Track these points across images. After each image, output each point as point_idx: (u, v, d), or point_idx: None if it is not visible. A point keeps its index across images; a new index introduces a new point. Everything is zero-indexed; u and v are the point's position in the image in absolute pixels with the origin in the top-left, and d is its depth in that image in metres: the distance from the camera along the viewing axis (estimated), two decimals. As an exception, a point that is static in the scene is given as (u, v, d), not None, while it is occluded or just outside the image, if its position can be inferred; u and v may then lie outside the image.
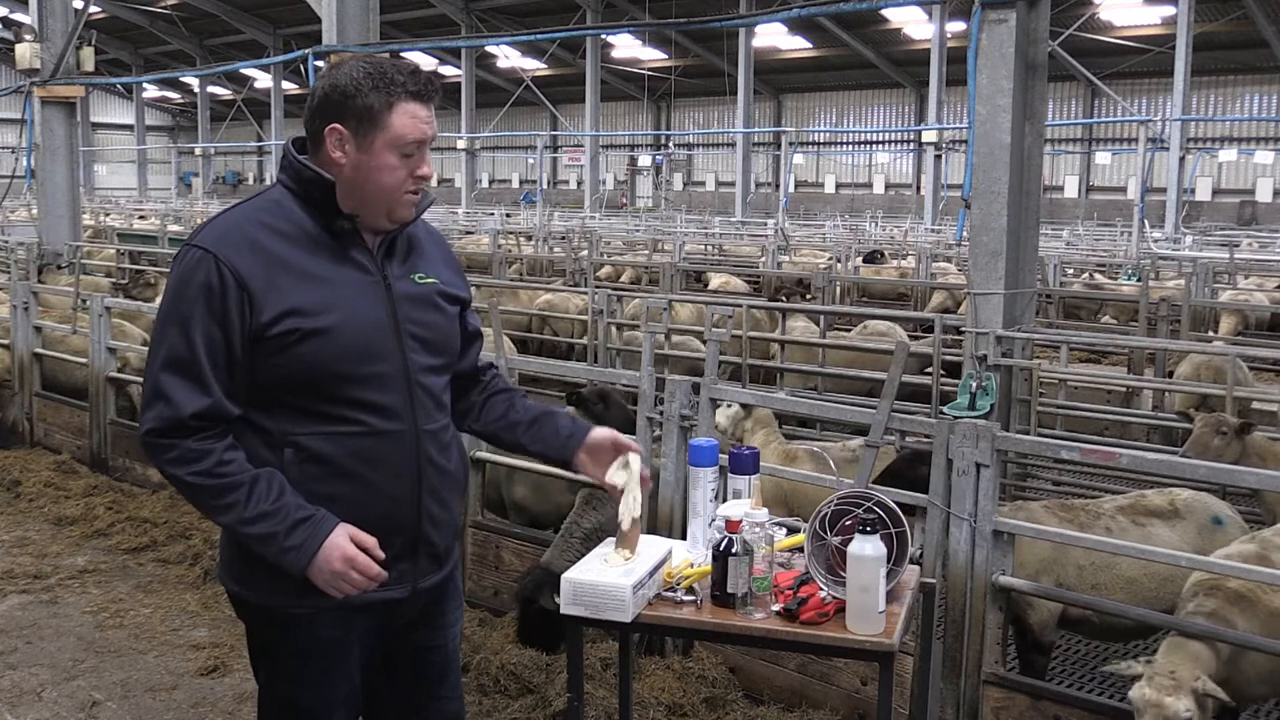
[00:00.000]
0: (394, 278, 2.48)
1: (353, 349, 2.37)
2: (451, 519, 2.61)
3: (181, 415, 2.29)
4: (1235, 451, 5.59)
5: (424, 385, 2.49)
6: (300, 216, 2.41)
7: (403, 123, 2.38)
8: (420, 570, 2.54)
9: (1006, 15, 6.48)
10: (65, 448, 8.25)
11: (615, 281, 16.81)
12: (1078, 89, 39.84)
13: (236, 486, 2.30)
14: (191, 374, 2.30)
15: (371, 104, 2.36)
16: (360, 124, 2.37)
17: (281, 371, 2.34)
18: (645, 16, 34.58)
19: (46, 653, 5.05)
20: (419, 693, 2.70)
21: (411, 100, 2.39)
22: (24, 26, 21.02)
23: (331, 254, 2.42)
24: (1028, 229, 6.91)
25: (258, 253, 2.34)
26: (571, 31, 27.17)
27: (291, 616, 2.44)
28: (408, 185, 2.42)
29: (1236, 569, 3.70)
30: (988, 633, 4.06)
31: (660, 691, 4.40)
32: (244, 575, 2.47)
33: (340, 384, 2.37)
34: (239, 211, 2.45)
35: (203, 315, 2.30)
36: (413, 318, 2.48)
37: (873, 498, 2.83)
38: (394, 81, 2.37)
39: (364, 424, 2.40)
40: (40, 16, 12.32)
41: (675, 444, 4.79)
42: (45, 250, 12.84)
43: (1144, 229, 19.79)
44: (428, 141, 2.42)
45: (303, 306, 2.33)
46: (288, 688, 2.52)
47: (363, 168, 2.39)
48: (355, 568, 2.33)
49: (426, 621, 2.65)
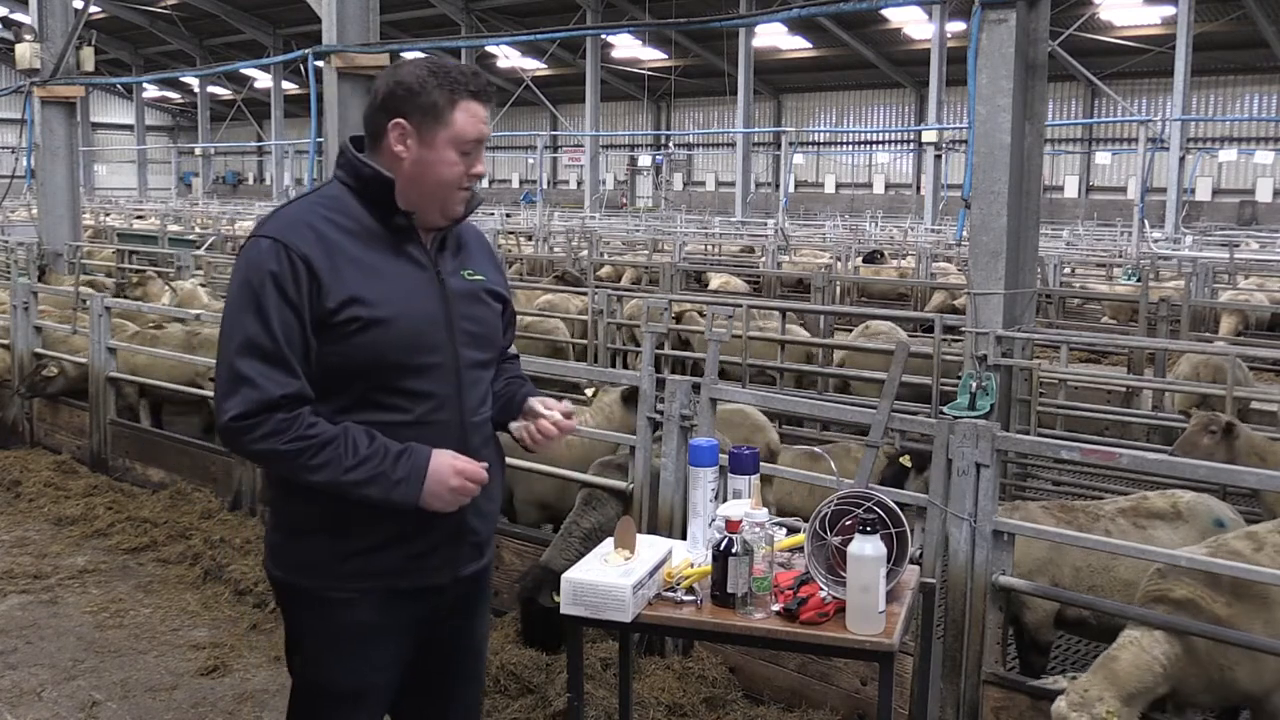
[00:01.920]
0: (447, 273, 2.57)
1: (408, 340, 2.46)
2: (493, 510, 2.70)
3: (272, 397, 2.35)
4: (1225, 451, 5.59)
5: (471, 378, 2.58)
6: (358, 211, 2.50)
7: (464, 120, 2.48)
8: (462, 558, 2.61)
9: (1006, 15, 6.48)
10: (65, 448, 8.25)
11: (616, 282, 16.81)
12: (1078, 89, 39.85)
13: (331, 440, 2.37)
14: (275, 359, 2.36)
15: (436, 101, 2.46)
16: (424, 119, 2.47)
17: (339, 359, 2.42)
18: (645, 16, 34.59)
19: (46, 653, 5.04)
20: (443, 682, 2.75)
21: (472, 99, 2.50)
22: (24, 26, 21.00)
23: (389, 248, 2.50)
24: (1028, 229, 6.91)
25: (322, 242, 2.42)
26: (571, 31, 27.15)
27: (334, 599, 2.50)
28: (463, 182, 2.52)
29: (1235, 568, 3.70)
30: (988, 633, 4.06)
31: (660, 691, 4.40)
32: (289, 560, 2.54)
33: (395, 373, 2.46)
34: (300, 205, 2.53)
35: (277, 301, 2.37)
36: (464, 313, 2.57)
37: (873, 498, 2.83)
38: (457, 81, 2.48)
39: (414, 413, 2.48)
40: (40, 16, 12.33)
41: (675, 444, 4.79)
42: (45, 250, 12.85)
43: (1144, 229, 19.79)
44: (484, 141, 2.53)
45: (364, 296, 2.42)
46: (321, 672, 2.57)
47: (423, 162, 2.48)
48: (468, 476, 2.44)
49: (461, 611, 2.71)
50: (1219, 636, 3.67)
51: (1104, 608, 4.20)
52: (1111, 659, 3.64)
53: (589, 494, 5.15)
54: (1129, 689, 3.54)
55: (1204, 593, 3.73)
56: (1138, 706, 3.57)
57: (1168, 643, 3.65)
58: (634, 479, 5.00)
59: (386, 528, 2.47)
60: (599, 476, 5.21)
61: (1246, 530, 4.11)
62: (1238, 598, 3.74)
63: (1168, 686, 3.69)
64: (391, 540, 2.48)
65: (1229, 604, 3.73)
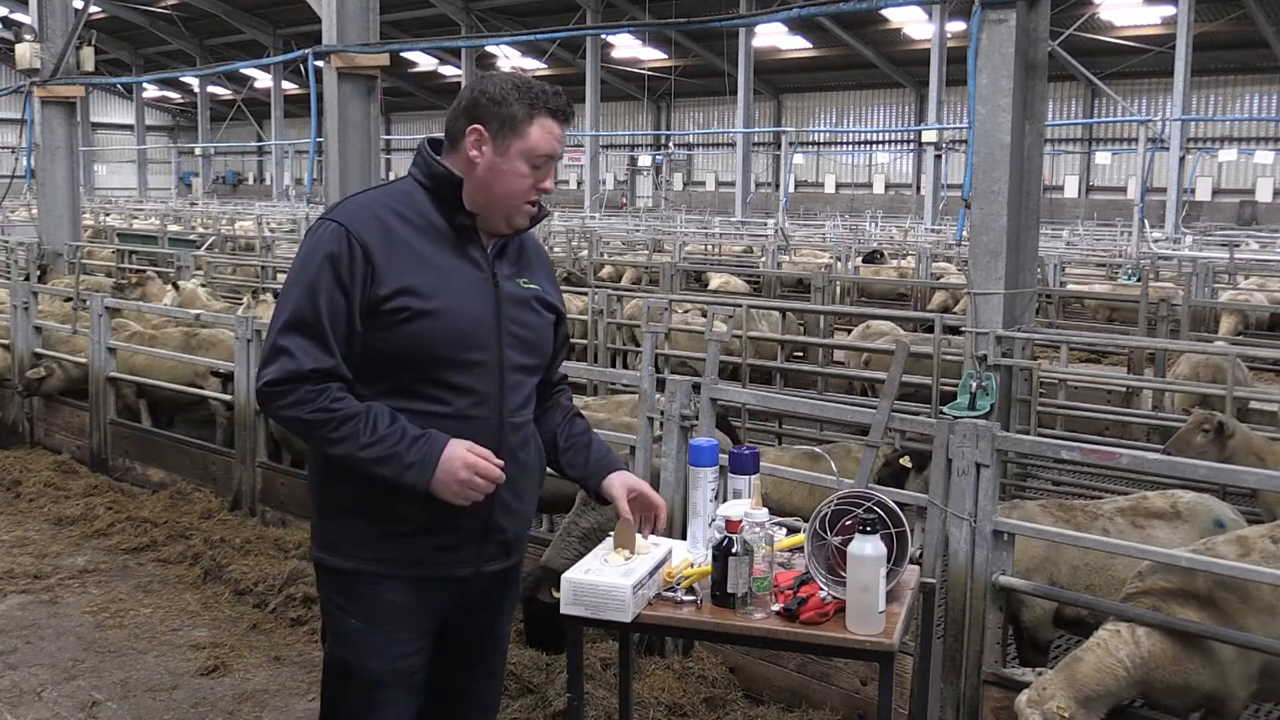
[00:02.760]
0: (502, 278, 2.66)
1: (456, 335, 2.54)
2: (525, 511, 2.76)
3: (303, 369, 2.46)
4: (1218, 450, 5.59)
5: (513, 381, 2.65)
6: (426, 208, 2.60)
7: (539, 135, 2.59)
8: (486, 555, 2.67)
9: (1006, 15, 6.48)
10: (65, 448, 8.25)
11: (616, 282, 16.81)
12: (1078, 89, 39.84)
13: (353, 415, 2.47)
14: (315, 335, 2.48)
15: (515, 113, 2.57)
16: (501, 129, 2.58)
17: (387, 345, 2.51)
18: (645, 16, 34.57)
19: (46, 653, 5.04)
20: (465, 670, 2.81)
21: (550, 117, 2.61)
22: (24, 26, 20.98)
23: (450, 246, 2.60)
24: (1028, 229, 6.91)
25: (383, 231, 2.53)
26: (571, 31, 27.12)
27: (364, 575, 2.59)
28: (530, 195, 2.62)
29: (1232, 568, 3.70)
30: (988, 632, 4.06)
31: (660, 691, 4.40)
32: (328, 539, 2.64)
33: (439, 366, 2.54)
34: (370, 195, 2.66)
35: (329, 281, 2.48)
36: (514, 317, 2.65)
37: (873, 498, 2.83)
38: (538, 97, 2.59)
39: (454, 406, 2.57)
40: (40, 16, 12.32)
41: (675, 444, 4.79)
42: (45, 250, 12.85)
43: (1144, 229, 19.78)
44: (556, 158, 2.63)
45: (417, 287, 2.51)
46: (351, 652, 2.64)
47: (495, 169, 2.58)
48: (479, 472, 2.48)
49: (486, 606, 2.78)
50: (1205, 633, 3.68)
51: (1103, 607, 4.20)
52: (1076, 660, 3.67)
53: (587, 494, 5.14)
54: (1087, 691, 3.57)
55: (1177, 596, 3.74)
56: (1098, 710, 3.58)
57: (1134, 644, 3.66)
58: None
59: (415, 517, 2.55)
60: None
61: (1237, 534, 4.11)
62: (1212, 602, 3.75)
63: (1134, 692, 3.70)
64: (419, 530, 2.57)
65: (1200, 607, 3.74)
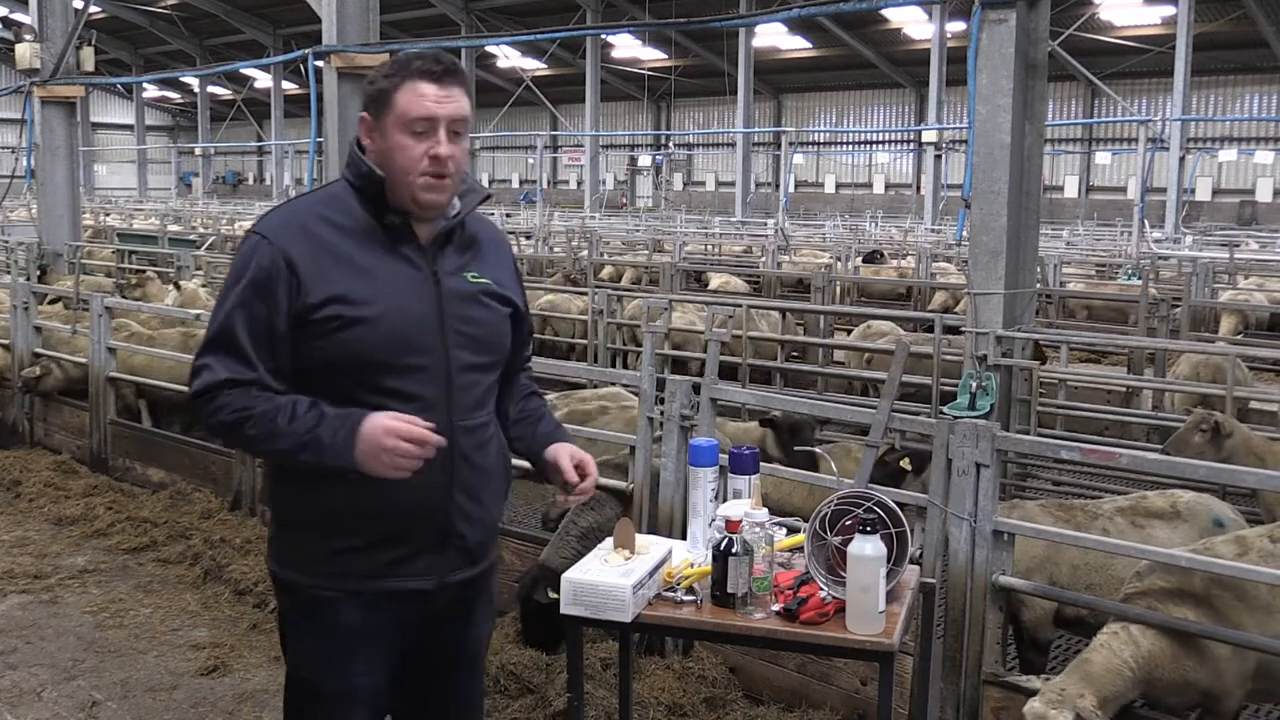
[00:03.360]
0: (444, 274, 2.54)
1: (393, 339, 2.45)
2: (486, 516, 2.63)
3: (219, 378, 2.41)
4: (1215, 450, 5.58)
5: (464, 382, 2.54)
6: (356, 209, 2.51)
7: (407, 100, 2.44)
8: (448, 564, 2.56)
9: (1006, 15, 6.48)
10: (65, 448, 8.25)
11: (616, 282, 16.81)
12: (1078, 89, 39.83)
13: (272, 410, 2.40)
14: (235, 352, 2.42)
15: (383, 88, 2.47)
16: (377, 108, 2.48)
17: (322, 355, 2.43)
18: (645, 16, 34.56)
19: (46, 653, 5.04)
20: (441, 687, 2.71)
21: (419, 79, 2.45)
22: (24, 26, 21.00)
23: (383, 248, 2.50)
24: (1028, 229, 6.91)
25: (310, 240, 2.45)
26: (571, 31, 27.14)
27: (317, 598, 2.50)
28: (423, 165, 2.45)
29: (1231, 567, 3.70)
30: (988, 633, 4.06)
31: (660, 691, 4.40)
32: (283, 554, 2.57)
33: (378, 372, 2.45)
34: (300, 202, 2.58)
35: (251, 296, 2.42)
36: (460, 314, 2.54)
37: (873, 498, 2.83)
38: (402, 65, 2.47)
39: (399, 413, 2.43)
40: (40, 16, 12.33)
41: (675, 444, 4.79)
42: (45, 250, 12.85)
43: (1144, 229, 19.78)
44: (439, 120, 2.44)
45: (348, 294, 2.42)
46: (309, 671, 2.57)
47: (381, 151, 2.48)
48: (402, 436, 2.34)
49: (453, 616, 2.65)
50: (1203, 633, 3.68)
51: (1103, 607, 4.20)
52: (1086, 661, 3.67)
53: (588, 494, 5.14)
54: (1104, 692, 3.56)
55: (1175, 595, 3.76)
56: (1110, 710, 3.58)
57: (1134, 644, 3.67)
58: (634, 479, 5.00)
59: (368, 530, 2.46)
60: (599, 476, 5.19)
61: (1236, 535, 4.12)
62: (1209, 601, 3.76)
63: (1137, 691, 3.71)
64: (375, 542, 2.47)
65: (1197, 605, 3.75)
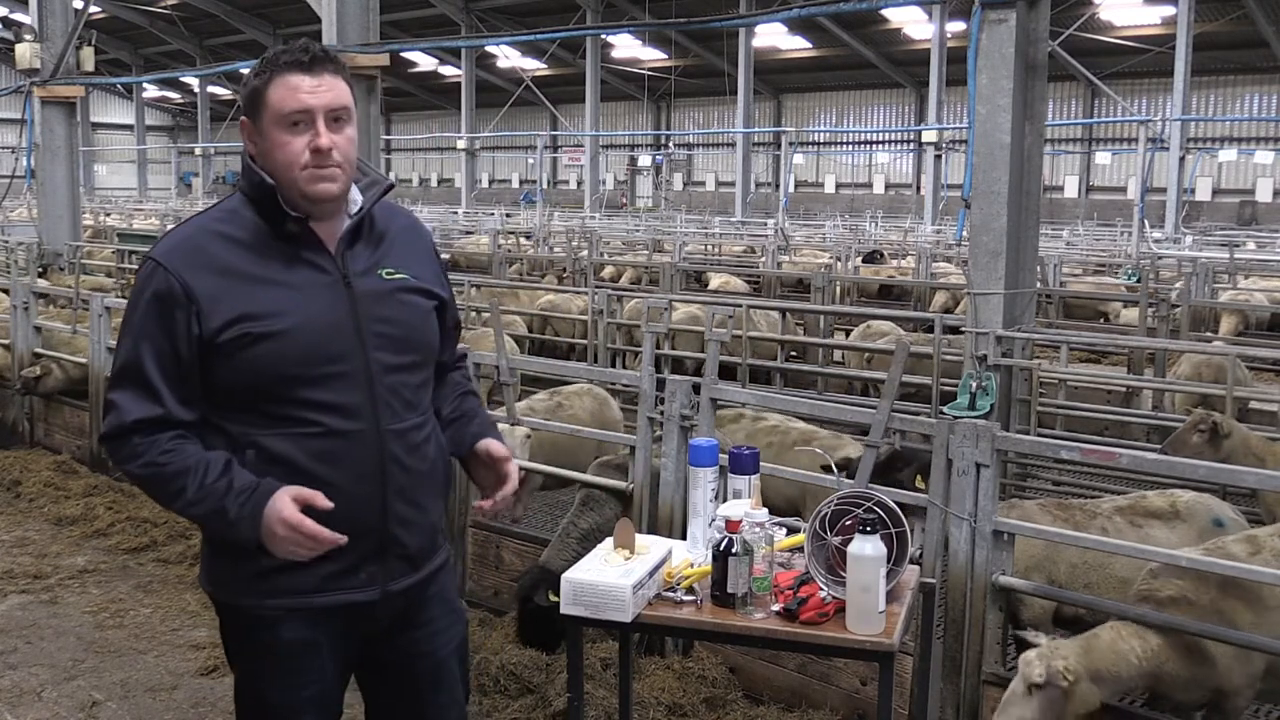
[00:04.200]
0: (355, 275, 2.44)
1: (307, 351, 2.35)
2: (425, 520, 2.54)
3: (127, 420, 2.33)
4: (1215, 450, 5.58)
5: (389, 384, 2.44)
6: (252, 221, 2.41)
7: (279, 95, 2.35)
8: (390, 572, 2.48)
9: (1006, 15, 6.49)
10: (65, 448, 8.25)
11: (616, 282, 16.81)
12: (1078, 89, 39.82)
13: (183, 470, 2.32)
14: (140, 384, 2.34)
15: (255, 86, 2.38)
16: (253, 110, 2.40)
17: (236, 376, 2.35)
18: (645, 16, 34.55)
19: (46, 653, 5.04)
20: (409, 700, 2.64)
21: (289, 72, 2.36)
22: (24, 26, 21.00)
23: (285, 257, 2.40)
24: (1028, 229, 6.91)
25: (207, 262, 2.35)
26: (571, 31, 27.15)
27: (257, 617, 2.43)
28: (304, 159, 2.36)
29: (1228, 567, 3.70)
30: (988, 633, 4.06)
31: (660, 691, 4.40)
32: (216, 575, 2.50)
33: (295, 385, 2.36)
34: (194, 222, 2.46)
35: (152, 326, 2.34)
36: (377, 315, 2.44)
37: (873, 498, 2.83)
38: (272, 61, 2.38)
39: (322, 425, 2.37)
40: (40, 16, 12.33)
41: (675, 444, 4.79)
42: (45, 250, 12.85)
43: (1144, 229, 19.78)
44: (315, 110, 2.35)
45: (253, 312, 2.33)
46: (257, 685, 2.52)
47: (263, 153, 2.40)
48: (299, 531, 2.28)
49: (407, 626, 2.58)
50: (1210, 634, 3.68)
51: (1104, 607, 4.20)
52: (1093, 635, 3.73)
53: (586, 494, 5.15)
54: (1099, 666, 3.59)
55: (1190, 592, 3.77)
56: (1104, 689, 3.61)
57: (1143, 639, 3.68)
58: (634, 479, 5.00)
59: None
60: (598, 476, 5.21)
61: (1247, 534, 4.12)
62: (1224, 598, 3.76)
63: (1141, 683, 3.73)
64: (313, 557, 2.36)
65: (1214, 603, 3.76)
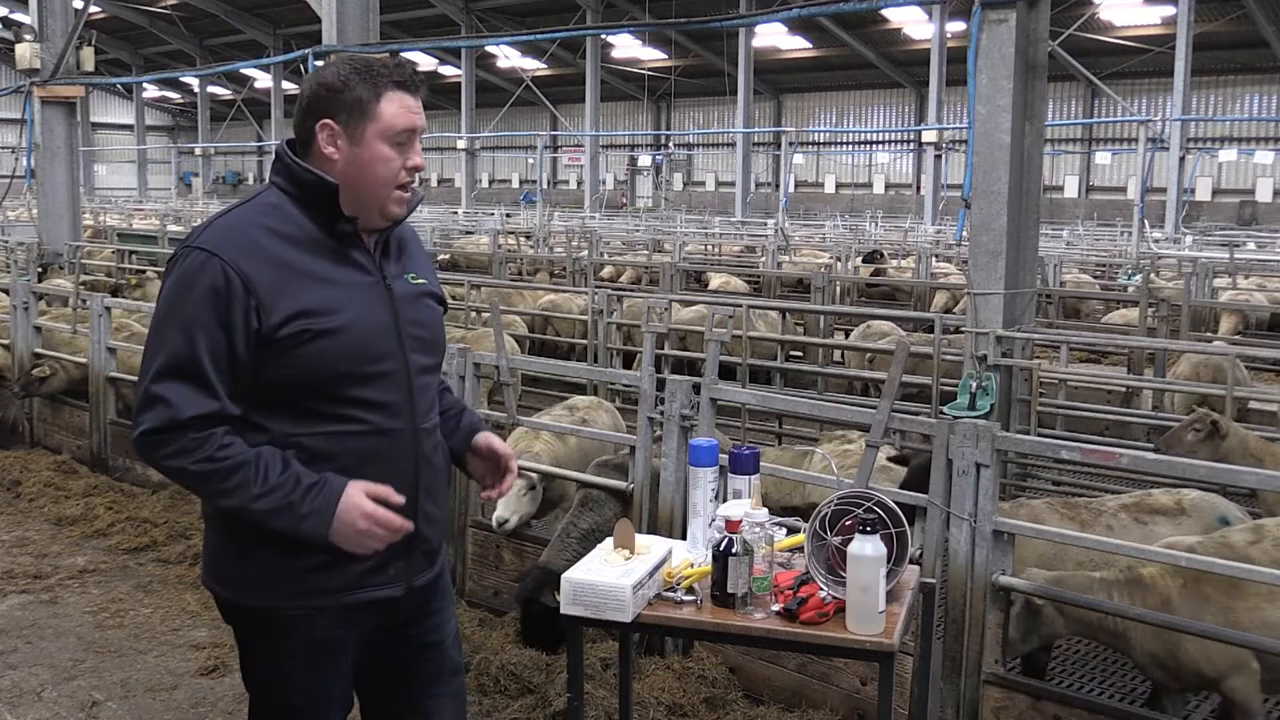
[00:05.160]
0: (392, 278, 2.51)
1: (359, 349, 2.39)
2: (442, 516, 2.65)
3: (181, 418, 2.28)
4: (1212, 449, 5.58)
5: (420, 384, 2.52)
6: (300, 219, 2.41)
7: (392, 111, 2.40)
8: (415, 568, 2.55)
9: (1006, 15, 6.48)
10: (65, 448, 8.25)
11: (616, 282, 16.80)
12: (1078, 89, 39.82)
13: (242, 465, 2.30)
14: (195, 379, 2.29)
15: (360, 96, 2.39)
16: (351, 117, 2.40)
17: (289, 372, 2.34)
18: (645, 16, 34.56)
19: (46, 653, 5.04)
20: (414, 690, 2.69)
21: (398, 89, 2.42)
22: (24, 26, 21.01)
23: (334, 256, 2.42)
24: (1028, 229, 6.90)
25: (261, 254, 2.34)
26: (571, 31, 27.15)
27: (286, 619, 2.43)
28: (401, 177, 2.44)
29: (1229, 567, 3.70)
30: (988, 633, 4.06)
31: (660, 691, 4.40)
32: (232, 578, 2.47)
33: (346, 383, 2.39)
34: (238, 214, 2.43)
35: (207, 319, 2.29)
36: (412, 318, 2.51)
37: (873, 498, 2.83)
38: (379, 73, 2.41)
39: (367, 423, 2.41)
40: (40, 16, 12.32)
41: (675, 444, 4.79)
42: (45, 250, 12.84)
43: (1144, 229, 19.77)
44: (418, 131, 2.45)
45: (312, 308, 2.34)
46: (282, 690, 2.52)
47: (356, 161, 2.41)
48: (378, 522, 2.34)
49: (419, 619, 2.65)
50: (1206, 633, 3.68)
51: (1104, 608, 4.20)
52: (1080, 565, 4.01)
53: (586, 495, 5.15)
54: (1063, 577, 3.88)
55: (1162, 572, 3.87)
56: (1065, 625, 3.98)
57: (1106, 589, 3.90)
58: (634, 479, 5.00)
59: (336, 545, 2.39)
60: (598, 476, 5.20)
61: (1253, 524, 4.14)
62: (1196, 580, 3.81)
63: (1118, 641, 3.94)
64: (345, 555, 2.38)
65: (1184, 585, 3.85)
